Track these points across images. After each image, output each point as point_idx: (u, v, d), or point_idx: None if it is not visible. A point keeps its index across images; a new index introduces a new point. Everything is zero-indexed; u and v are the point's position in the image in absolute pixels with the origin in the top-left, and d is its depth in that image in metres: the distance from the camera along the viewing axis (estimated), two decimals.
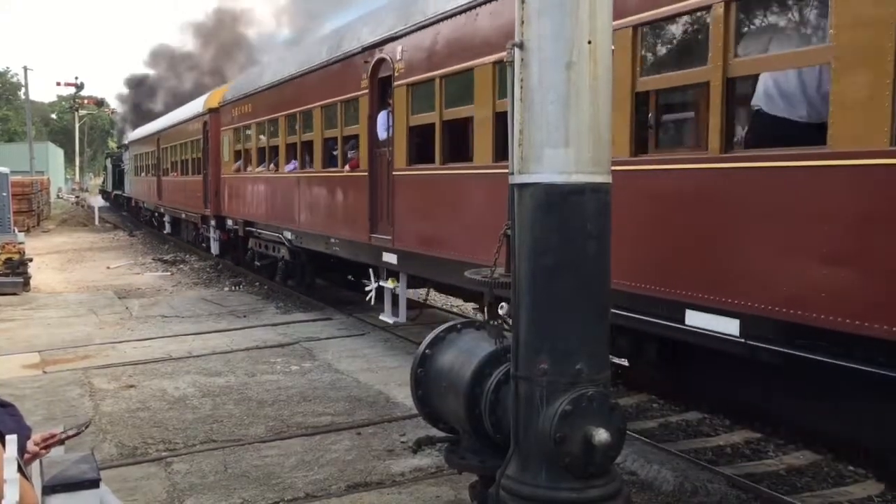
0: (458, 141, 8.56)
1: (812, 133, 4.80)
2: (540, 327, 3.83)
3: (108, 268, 20.87)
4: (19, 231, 19.62)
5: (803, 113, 5.08)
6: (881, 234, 4.24)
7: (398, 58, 9.45)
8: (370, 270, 10.77)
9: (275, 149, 14.42)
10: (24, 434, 2.78)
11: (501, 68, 7.27)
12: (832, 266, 4.49)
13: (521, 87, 3.81)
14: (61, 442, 2.98)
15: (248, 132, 16.06)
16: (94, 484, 2.23)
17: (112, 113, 71.60)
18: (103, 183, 59.84)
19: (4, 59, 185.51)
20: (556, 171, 3.73)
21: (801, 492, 5.99)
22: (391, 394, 8.41)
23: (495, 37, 7.41)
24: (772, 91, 5.20)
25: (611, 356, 4.56)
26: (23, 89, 70.45)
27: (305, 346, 10.92)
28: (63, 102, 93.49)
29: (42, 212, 39.18)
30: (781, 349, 4.79)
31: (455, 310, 13.37)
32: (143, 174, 32.08)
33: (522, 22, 3.79)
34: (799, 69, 5.05)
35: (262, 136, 15.16)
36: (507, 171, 3.93)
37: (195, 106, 21.63)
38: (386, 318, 10.55)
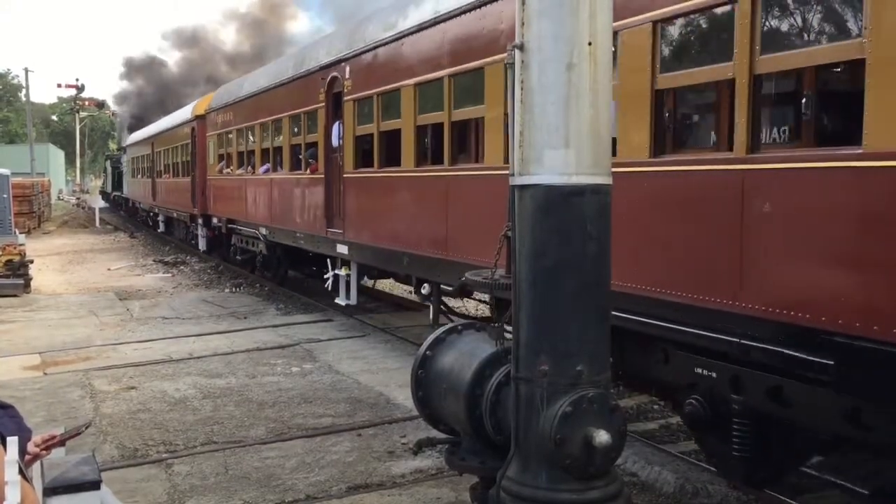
0: (393, 148, 9.94)
1: None
2: (540, 329, 3.83)
3: (109, 269, 20.88)
4: (20, 233, 19.60)
5: None
6: None
7: (347, 77, 11.09)
8: (328, 260, 12.41)
9: (252, 153, 16.12)
10: (24, 436, 2.78)
11: (422, 89, 9.01)
12: None
13: (522, 89, 3.81)
14: (62, 443, 2.98)
15: (230, 137, 17.82)
16: (94, 485, 2.23)
17: (113, 115, 71.64)
18: (103, 184, 60.35)
19: (5, 60, 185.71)
20: (556, 173, 3.73)
21: (802, 493, 5.99)
22: (392, 395, 8.41)
23: (417, 63, 9.08)
24: None
25: None
26: (23, 91, 70.60)
27: (306, 347, 10.92)
28: (64, 104, 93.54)
29: (43, 213, 39.20)
30: None
31: (403, 294, 14.53)
32: (139, 176, 33.60)
33: (523, 23, 3.79)
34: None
35: (241, 142, 16.95)
36: (427, 173, 4.25)
37: (185, 112, 23.29)
38: (340, 301, 12.26)
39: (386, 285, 15.16)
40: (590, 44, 3.68)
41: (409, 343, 10.79)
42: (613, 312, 4.43)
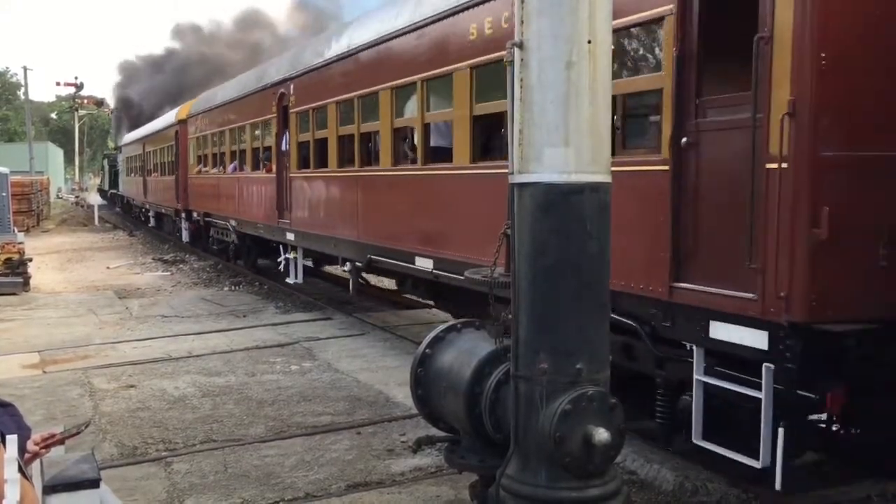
0: (322, 152, 12.20)
1: None
2: (540, 327, 3.83)
3: (108, 268, 20.87)
4: (19, 231, 19.61)
5: None
6: None
7: (292, 93, 13.39)
8: (280, 247, 14.74)
9: (223, 154, 18.59)
10: (24, 434, 2.77)
11: (344, 107, 11.30)
12: None
13: (521, 87, 3.81)
14: (61, 441, 2.97)
15: (206, 140, 20.39)
16: (94, 484, 2.23)
17: (111, 113, 71.58)
18: (101, 182, 61.27)
19: (4, 58, 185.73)
20: (555, 171, 3.73)
21: (802, 491, 5.99)
22: (391, 393, 8.41)
23: (341, 85, 11.32)
24: None
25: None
26: (22, 89, 70.48)
27: (305, 345, 10.92)
28: (63, 102, 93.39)
29: (42, 212, 39.17)
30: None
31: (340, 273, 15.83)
32: (132, 175, 35.84)
33: (522, 21, 3.79)
34: None
35: (214, 144, 19.49)
36: (344, 173, 6.14)
37: (170, 116, 25.56)
38: (290, 280, 14.62)
39: (386, 284, 15.17)
40: (589, 42, 3.68)
41: (408, 341, 10.79)
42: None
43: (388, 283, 14.92)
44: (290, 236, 13.72)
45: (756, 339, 4.87)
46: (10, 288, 15.93)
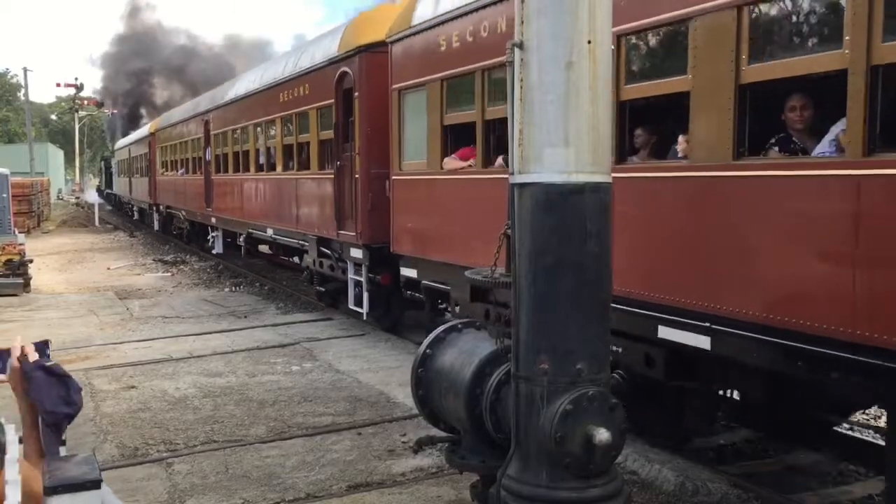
0: (239, 160, 17.34)
1: None
2: (540, 327, 3.83)
3: (109, 269, 20.88)
4: (19, 232, 19.59)
5: None
6: None
7: (212, 120, 19.68)
8: (209, 229, 21.32)
9: (175, 161, 25.03)
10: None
11: (236, 133, 17.26)
12: None
13: (521, 87, 3.81)
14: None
15: (167, 149, 26.74)
16: (95, 485, 2.22)
17: (112, 114, 71.65)
18: (99, 182, 64.48)
19: (4, 59, 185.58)
20: (555, 171, 3.73)
21: (802, 491, 6.00)
22: (392, 394, 8.41)
23: (231, 119, 17.61)
24: None
25: None
26: (22, 90, 70.41)
27: (306, 346, 10.92)
28: (63, 103, 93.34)
29: (42, 213, 39.16)
30: None
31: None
32: (121, 176, 43.14)
33: (522, 21, 3.79)
34: None
35: (171, 153, 25.83)
36: (235, 176, 10.38)
37: (146, 129, 32.49)
38: (215, 251, 20.87)
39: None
40: (589, 42, 3.68)
41: (408, 342, 10.79)
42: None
43: None
44: (213, 220, 20.24)
45: (357, 252, 11.07)
46: (11, 289, 15.94)
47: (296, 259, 16.84)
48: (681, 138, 5.72)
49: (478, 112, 7.89)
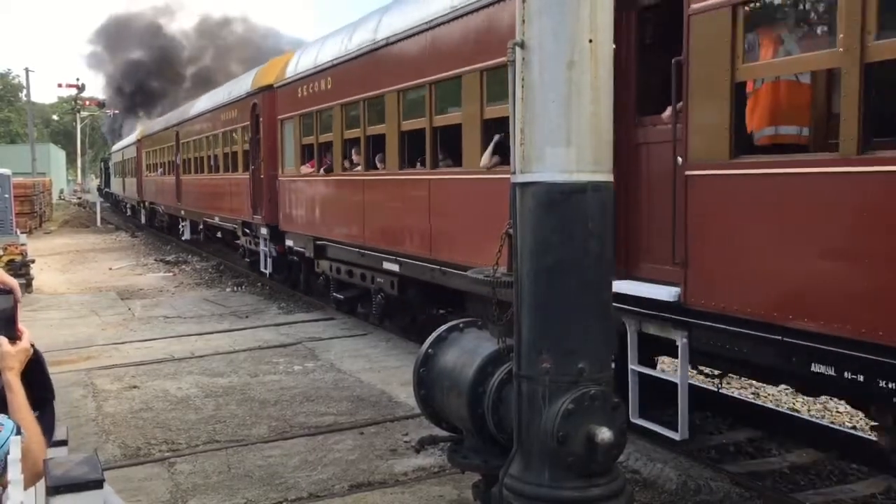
0: (200, 163, 21.50)
1: None
2: (542, 326, 3.82)
3: (111, 269, 20.90)
4: (21, 232, 19.59)
5: None
6: None
7: (180, 131, 24.24)
8: (179, 219, 25.83)
9: (157, 164, 29.72)
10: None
11: (211, 140, 20.26)
12: None
13: (523, 87, 3.81)
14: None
15: (151, 154, 31.31)
16: (97, 485, 2.23)
17: (115, 114, 71.71)
18: (99, 182, 65.63)
19: (5, 60, 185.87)
20: (557, 170, 3.72)
21: (804, 490, 5.99)
22: (394, 393, 8.41)
23: (207, 126, 20.69)
24: None
25: None
26: (24, 91, 70.53)
27: (308, 346, 10.92)
28: (64, 104, 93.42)
29: (44, 213, 39.20)
30: None
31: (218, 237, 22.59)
32: (117, 176, 47.69)
33: (523, 21, 3.79)
34: None
35: (154, 157, 30.23)
36: (195, 176, 21.42)
37: (135, 135, 36.80)
38: (183, 238, 25.50)
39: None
40: (590, 41, 3.68)
41: (410, 341, 10.78)
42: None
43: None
44: (182, 213, 24.82)
45: (264, 229, 15.38)
46: None
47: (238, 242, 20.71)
48: None
49: (314, 137, 12.89)
